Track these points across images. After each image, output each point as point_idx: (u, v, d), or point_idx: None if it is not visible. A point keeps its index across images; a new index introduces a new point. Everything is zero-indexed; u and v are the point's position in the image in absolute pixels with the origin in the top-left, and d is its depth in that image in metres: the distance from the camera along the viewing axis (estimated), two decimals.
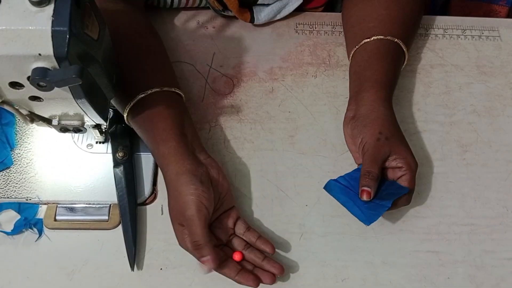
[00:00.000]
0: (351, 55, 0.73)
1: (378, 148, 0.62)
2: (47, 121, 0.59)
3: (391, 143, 0.63)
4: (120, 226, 0.64)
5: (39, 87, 0.46)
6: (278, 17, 0.80)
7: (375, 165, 0.62)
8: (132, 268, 0.61)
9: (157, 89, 0.63)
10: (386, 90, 0.67)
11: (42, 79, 0.45)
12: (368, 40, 0.70)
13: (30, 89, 0.49)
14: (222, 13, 0.79)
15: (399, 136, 0.65)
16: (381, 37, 0.70)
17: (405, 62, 0.72)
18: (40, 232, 0.63)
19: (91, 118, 0.57)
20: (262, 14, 0.78)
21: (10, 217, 0.64)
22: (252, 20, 0.78)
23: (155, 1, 0.79)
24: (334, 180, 0.64)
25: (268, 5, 0.78)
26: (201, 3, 0.79)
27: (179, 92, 0.66)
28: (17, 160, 0.67)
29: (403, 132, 0.66)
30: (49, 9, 0.45)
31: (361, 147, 0.64)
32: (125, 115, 0.63)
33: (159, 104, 0.63)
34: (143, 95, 0.62)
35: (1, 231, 0.63)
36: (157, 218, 0.65)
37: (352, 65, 0.72)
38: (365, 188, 0.61)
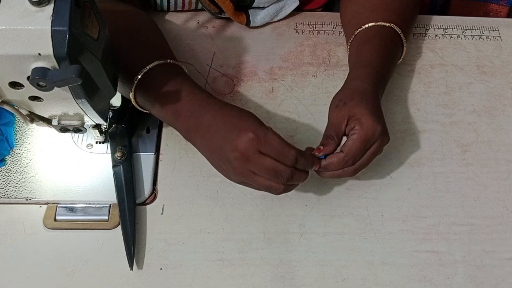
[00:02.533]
0: (348, 49, 0.73)
1: (336, 113, 0.62)
2: (47, 121, 0.59)
3: (348, 107, 0.61)
4: (119, 227, 0.64)
5: (39, 87, 0.46)
6: (275, 19, 0.80)
7: (331, 129, 0.62)
8: (131, 268, 0.61)
9: (162, 61, 0.63)
10: (369, 67, 0.67)
11: (42, 79, 0.45)
12: (361, 29, 0.71)
13: (30, 89, 0.49)
14: (219, 15, 0.79)
15: (360, 100, 0.62)
16: (373, 23, 0.70)
17: (405, 46, 0.72)
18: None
19: (91, 118, 0.57)
20: (258, 17, 0.78)
21: (11, 218, 0.64)
22: (248, 23, 0.78)
23: (152, 4, 0.79)
24: None
25: (264, 8, 0.78)
26: (197, 6, 0.79)
27: (183, 67, 0.65)
28: (17, 160, 0.67)
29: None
30: (49, 9, 0.45)
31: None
32: (132, 92, 0.62)
33: (168, 74, 0.62)
34: (154, 64, 0.62)
35: None
36: (157, 218, 0.65)
37: (348, 56, 0.73)
38: (319, 146, 0.60)
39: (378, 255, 0.64)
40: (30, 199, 0.64)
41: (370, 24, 0.70)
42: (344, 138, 0.62)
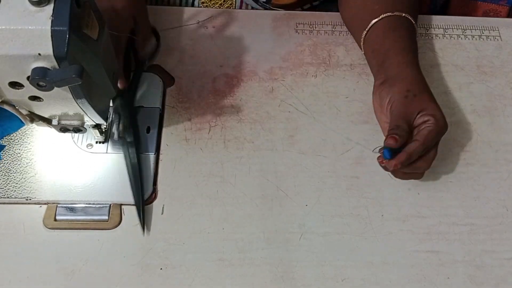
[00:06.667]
0: (362, 41, 0.73)
1: (406, 105, 0.63)
2: (47, 121, 0.59)
3: (420, 100, 0.63)
4: (120, 226, 0.64)
5: (38, 87, 0.46)
6: None
7: (402, 120, 0.62)
8: (143, 231, 0.63)
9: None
10: (410, 54, 0.68)
11: (41, 79, 0.45)
12: (377, 19, 0.71)
13: (30, 89, 0.49)
14: None
15: (429, 94, 0.64)
16: (389, 13, 0.71)
17: (416, 36, 0.73)
18: None
19: (91, 118, 0.57)
20: None
21: (11, 218, 0.64)
22: None
23: None
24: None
25: None
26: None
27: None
28: (17, 160, 0.67)
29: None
30: (49, 8, 0.45)
31: (389, 107, 0.64)
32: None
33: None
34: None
35: None
36: (157, 218, 0.65)
37: (367, 48, 0.73)
38: (393, 135, 0.60)
39: (378, 255, 0.64)
40: (30, 199, 0.64)
41: (386, 14, 0.71)
42: None
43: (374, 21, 0.71)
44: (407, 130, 0.61)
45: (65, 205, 0.64)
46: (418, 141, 0.61)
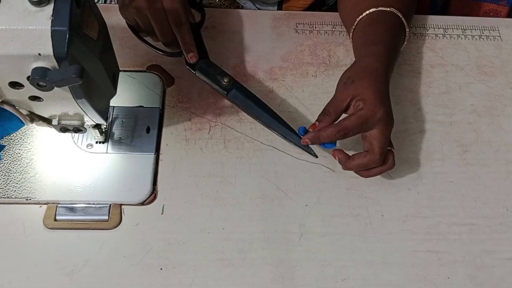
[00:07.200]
0: (351, 40, 0.74)
1: (342, 90, 0.63)
2: (47, 121, 0.59)
3: (356, 86, 0.62)
4: (120, 226, 0.64)
5: (39, 87, 0.46)
6: None
7: (332, 105, 0.63)
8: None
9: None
10: (379, 45, 0.68)
11: (42, 79, 0.45)
12: (361, 16, 0.72)
13: (30, 89, 0.49)
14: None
15: (372, 81, 0.63)
16: (373, 9, 0.71)
17: (407, 31, 0.73)
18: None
19: (91, 118, 0.57)
20: None
21: (11, 218, 0.64)
22: None
23: None
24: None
25: None
26: None
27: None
28: (17, 160, 0.67)
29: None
30: (49, 8, 0.45)
31: None
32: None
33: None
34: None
35: None
36: (157, 218, 0.65)
37: (352, 44, 0.74)
38: (316, 122, 0.62)
39: (378, 255, 0.64)
40: (30, 199, 0.64)
41: (371, 10, 0.71)
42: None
43: (358, 18, 0.72)
44: (332, 114, 0.62)
45: (65, 205, 0.64)
46: (334, 124, 0.61)
